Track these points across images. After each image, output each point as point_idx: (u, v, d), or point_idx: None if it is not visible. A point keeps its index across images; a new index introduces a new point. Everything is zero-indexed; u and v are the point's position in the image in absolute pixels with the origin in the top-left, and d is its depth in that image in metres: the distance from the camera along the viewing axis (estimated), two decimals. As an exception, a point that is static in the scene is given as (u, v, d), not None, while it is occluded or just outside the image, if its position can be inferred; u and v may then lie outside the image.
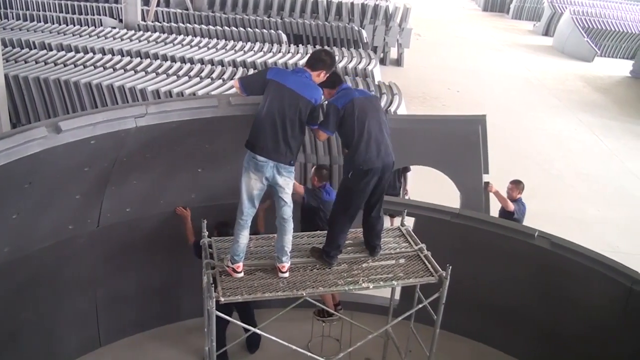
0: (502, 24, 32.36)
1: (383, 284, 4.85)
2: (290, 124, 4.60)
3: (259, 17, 17.75)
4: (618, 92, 20.07)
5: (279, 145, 4.60)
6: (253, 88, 4.82)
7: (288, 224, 4.84)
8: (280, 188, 4.72)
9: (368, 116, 4.87)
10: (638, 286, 5.63)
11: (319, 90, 4.77)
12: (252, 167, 4.65)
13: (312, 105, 4.68)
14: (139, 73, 10.95)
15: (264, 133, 4.58)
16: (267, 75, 4.71)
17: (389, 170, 4.98)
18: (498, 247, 6.28)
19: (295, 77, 4.71)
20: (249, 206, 4.75)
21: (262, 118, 4.60)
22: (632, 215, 11.07)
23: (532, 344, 6.51)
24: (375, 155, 4.83)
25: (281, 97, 4.59)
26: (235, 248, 4.84)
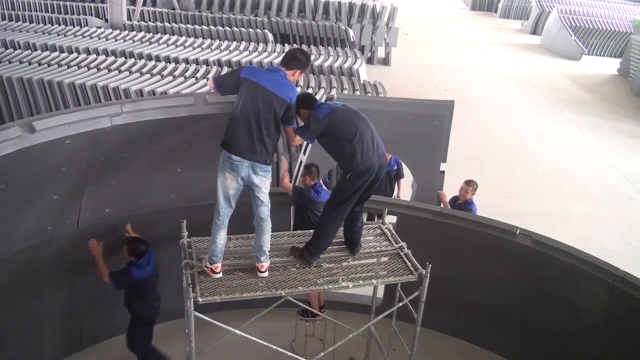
0: (490, 23, 32.42)
1: (363, 283, 4.83)
2: (264, 123, 4.56)
3: (246, 16, 17.69)
4: (605, 90, 20.15)
5: (254, 144, 4.56)
6: (227, 87, 4.78)
7: (266, 224, 4.81)
8: (257, 187, 4.68)
9: (356, 119, 4.90)
10: (620, 283, 5.63)
11: (293, 88, 4.73)
12: (228, 166, 4.60)
13: (286, 104, 4.62)
14: (123, 73, 10.92)
15: (238, 132, 4.53)
16: (241, 74, 4.66)
17: (383, 169, 5.01)
18: (480, 245, 6.27)
19: (269, 76, 4.67)
20: (226, 206, 4.71)
21: (236, 117, 4.55)
22: (617, 212, 11.12)
23: (516, 341, 6.51)
24: (372, 153, 4.87)
25: (255, 96, 4.55)
26: (213, 249, 4.80)
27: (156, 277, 5.79)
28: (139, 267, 5.56)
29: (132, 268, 5.55)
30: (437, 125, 6.37)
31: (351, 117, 4.90)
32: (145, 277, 5.60)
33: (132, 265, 5.56)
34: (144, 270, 5.57)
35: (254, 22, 16.81)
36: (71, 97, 10.44)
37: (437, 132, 6.56)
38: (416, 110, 6.69)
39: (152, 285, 5.77)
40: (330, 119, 4.83)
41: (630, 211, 11.22)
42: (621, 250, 9.79)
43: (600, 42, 26.08)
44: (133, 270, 5.54)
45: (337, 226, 5.11)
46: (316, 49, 13.75)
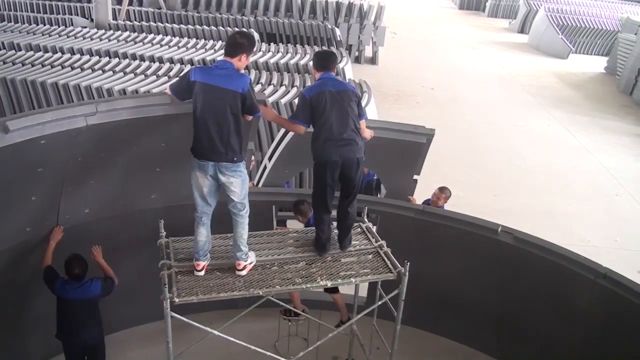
0: (478, 22, 32.50)
1: (341, 282, 4.81)
2: (224, 121, 4.51)
3: (232, 15, 17.64)
4: (591, 88, 20.24)
5: (215, 145, 4.52)
6: (182, 93, 4.72)
7: (239, 217, 4.79)
8: (226, 186, 4.68)
9: (334, 110, 4.86)
10: (602, 279, 5.64)
11: (243, 77, 4.62)
12: (197, 166, 4.65)
13: (240, 96, 4.52)
14: (106, 72, 10.84)
15: (199, 136, 4.55)
16: (190, 77, 4.59)
17: (351, 165, 4.92)
18: (462, 243, 6.26)
19: (217, 72, 4.59)
20: (202, 203, 4.74)
21: (195, 121, 4.55)
22: (603, 209, 11.16)
23: (499, 338, 6.52)
24: (331, 148, 4.84)
25: (208, 97, 4.50)
26: (194, 245, 4.82)
27: (83, 309, 5.42)
28: (64, 284, 5.33)
29: (60, 280, 5.35)
30: (414, 152, 6.49)
31: (330, 104, 4.86)
32: (62, 297, 5.36)
33: (62, 279, 5.37)
34: (66, 291, 5.33)
35: (241, 21, 16.77)
36: (54, 97, 10.36)
37: (414, 156, 6.56)
38: (394, 136, 6.48)
39: (72, 312, 5.45)
40: (315, 99, 4.87)
41: (615, 208, 11.27)
42: (606, 246, 9.83)
43: (588, 40, 26.19)
44: (59, 281, 5.35)
45: (321, 215, 5.14)
46: (302, 48, 13.71)
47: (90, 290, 5.34)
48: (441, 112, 15.54)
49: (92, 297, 5.37)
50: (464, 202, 10.41)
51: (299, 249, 5.23)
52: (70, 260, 5.31)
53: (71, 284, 5.31)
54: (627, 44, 20.31)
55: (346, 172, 4.95)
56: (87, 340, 5.58)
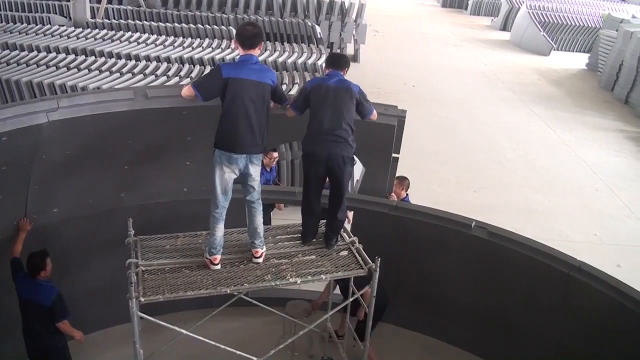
0: (460, 20, 32.52)
1: (311, 278, 4.73)
2: (259, 113, 4.61)
3: (212, 13, 17.48)
4: (572, 84, 20.29)
5: (255, 138, 4.62)
6: (211, 92, 4.69)
7: (257, 205, 4.86)
8: (251, 177, 4.72)
9: (328, 105, 4.89)
10: (576, 273, 5.62)
11: (271, 70, 4.81)
12: (225, 160, 4.61)
13: (271, 88, 4.71)
14: (82, 71, 10.70)
15: (238, 130, 4.56)
16: (223, 75, 4.58)
17: (335, 161, 4.90)
18: (436, 238, 6.23)
19: (250, 67, 4.64)
20: (224, 199, 4.73)
21: (230, 116, 4.55)
22: (583, 204, 11.18)
23: (476, 333, 6.49)
24: (318, 142, 4.88)
25: (245, 91, 4.55)
26: (212, 241, 4.79)
27: (31, 311, 5.29)
28: (23, 278, 5.24)
29: (21, 273, 5.25)
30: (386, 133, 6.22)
31: (325, 98, 4.90)
32: (18, 292, 5.26)
33: (22, 273, 5.25)
34: (21, 286, 5.23)
35: (220, 19, 16.63)
36: (29, 96, 10.20)
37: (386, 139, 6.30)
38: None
39: (22, 311, 5.34)
40: (313, 90, 4.95)
41: (595, 202, 11.29)
42: (586, 241, 9.85)
43: (570, 37, 26.27)
44: (19, 274, 5.25)
45: (308, 208, 5.17)
46: (281, 45, 13.62)
47: (41, 296, 5.18)
48: (422, 109, 15.49)
49: (41, 304, 5.19)
50: (443, 198, 10.43)
51: (271, 246, 5.15)
52: (31, 253, 5.20)
53: (27, 281, 5.19)
54: (608, 41, 20.40)
55: (331, 169, 4.95)
56: (36, 346, 5.44)
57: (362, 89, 5.12)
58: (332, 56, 5.33)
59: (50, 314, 5.22)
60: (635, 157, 13.86)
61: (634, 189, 12.03)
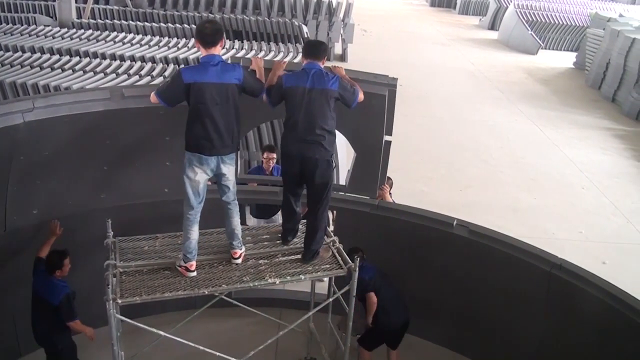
0: (448, 19, 32.60)
1: (290, 279, 4.72)
2: (227, 115, 4.52)
3: (199, 13, 17.45)
4: (559, 83, 20.36)
5: (224, 140, 4.54)
6: (174, 98, 4.59)
7: (234, 207, 4.81)
8: (225, 177, 4.67)
9: (303, 109, 4.79)
10: (557, 270, 5.63)
11: (237, 67, 4.63)
12: (196, 161, 4.55)
13: (239, 86, 4.57)
14: (66, 71, 10.64)
15: (204, 133, 4.47)
16: (185, 80, 4.46)
17: (308, 164, 4.84)
18: (418, 237, 6.21)
19: (209, 69, 4.49)
20: (197, 201, 4.66)
21: (196, 120, 4.47)
22: (568, 202, 11.19)
23: (457, 331, 6.50)
24: (292, 142, 4.85)
25: (209, 95, 4.44)
26: (187, 245, 4.71)
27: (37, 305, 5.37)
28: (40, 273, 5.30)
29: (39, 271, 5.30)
30: (375, 104, 5.85)
31: (298, 102, 4.80)
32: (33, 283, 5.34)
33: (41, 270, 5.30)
34: (35, 278, 5.32)
35: (206, 19, 16.58)
36: (12, 96, 10.11)
37: (377, 111, 5.94)
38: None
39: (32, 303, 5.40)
40: (289, 91, 4.82)
41: (581, 200, 11.31)
42: (571, 238, 9.87)
43: (557, 36, 26.38)
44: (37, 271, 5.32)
45: (286, 207, 5.14)
46: (267, 45, 13.60)
47: (52, 294, 5.20)
48: (408, 109, 15.48)
49: (50, 302, 5.21)
50: (429, 197, 10.44)
51: (250, 246, 5.12)
52: (52, 250, 5.30)
53: (43, 277, 5.25)
54: (595, 39, 20.49)
55: (305, 171, 4.89)
56: (40, 341, 5.47)
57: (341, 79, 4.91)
58: (309, 45, 5.10)
59: (57, 314, 5.25)
60: (622, 155, 13.91)
61: (619, 187, 12.08)
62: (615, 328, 5.25)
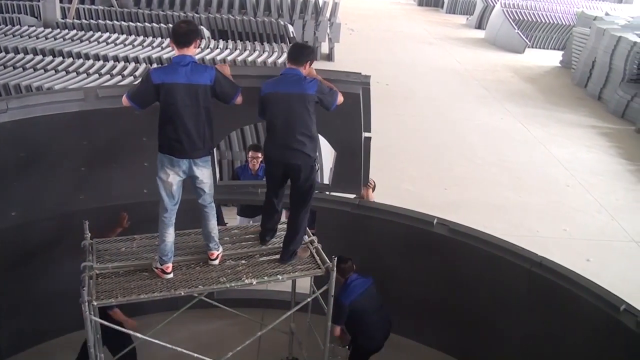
0: (436, 18, 32.63)
1: (267, 279, 4.70)
2: (198, 118, 4.45)
3: (185, 13, 17.38)
4: (546, 81, 20.43)
5: (194, 143, 4.48)
6: (145, 100, 4.53)
7: (210, 210, 4.77)
8: (199, 180, 4.62)
9: (280, 115, 4.78)
10: (538, 268, 5.66)
11: (208, 68, 4.56)
12: (167, 162, 4.50)
13: (210, 88, 4.48)
14: (49, 72, 10.55)
15: (174, 135, 4.42)
16: (154, 81, 4.40)
17: (291, 170, 4.85)
18: (399, 236, 6.23)
19: (179, 70, 4.42)
20: (171, 202, 4.61)
21: (166, 121, 4.43)
22: (554, 200, 11.24)
23: (442, 330, 6.51)
24: (274, 147, 4.84)
25: (179, 96, 4.38)
26: (162, 248, 4.66)
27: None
28: None
29: None
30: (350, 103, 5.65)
31: (275, 109, 4.79)
32: None
33: None
34: None
35: (192, 18, 16.52)
36: (-7, 98, 10.05)
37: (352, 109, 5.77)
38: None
39: None
40: (266, 98, 4.81)
41: (566, 198, 11.36)
42: (555, 236, 9.91)
43: (544, 35, 26.46)
44: None
45: (267, 207, 5.14)
46: (251, 44, 13.56)
47: None
48: (396, 108, 15.54)
49: None
50: (414, 196, 10.46)
51: (229, 247, 5.10)
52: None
53: None
54: (581, 38, 20.57)
55: (289, 175, 4.91)
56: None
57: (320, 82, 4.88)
58: (292, 49, 5.03)
59: None
60: (607, 153, 13.98)
61: (604, 184, 12.13)
62: (594, 324, 5.28)
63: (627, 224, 10.48)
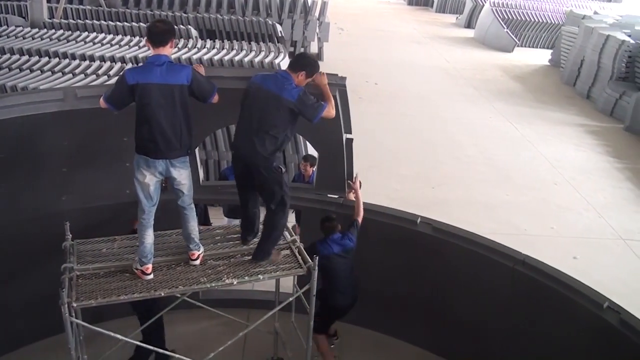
0: (425, 18, 32.69)
1: (248, 279, 4.69)
2: (175, 118, 4.42)
3: (172, 12, 17.33)
4: (535, 80, 20.48)
5: (171, 143, 4.45)
6: (121, 101, 4.50)
7: (189, 211, 4.75)
8: (176, 181, 4.59)
9: (252, 109, 4.77)
10: (521, 266, 5.67)
11: (184, 68, 4.53)
12: (143, 163, 4.47)
13: (187, 87, 4.45)
14: (34, 72, 10.50)
15: (150, 136, 4.39)
16: (129, 82, 4.37)
17: (251, 166, 4.83)
18: (383, 235, 6.21)
19: (154, 70, 4.39)
20: (149, 204, 4.57)
21: (143, 122, 4.39)
22: (541, 198, 11.26)
23: (425, 329, 6.51)
24: (237, 143, 4.90)
25: (155, 96, 4.35)
26: (142, 250, 4.63)
27: None
28: None
29: None
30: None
31: (250, 101, 4.80)
32: None
33: None
34: None
35: (179, 18, 16.48)
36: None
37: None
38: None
39: None
40: (248, 88, 4.85)
41: (553, 196, 11.37)
42: (542, 234, 9.92)
43: (533, 34, 26.56)
44: None
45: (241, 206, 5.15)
46: (238, 44, 13.53)
47: None
48: (383, 107, 15.56)
49: None
50: (402, 195, 10.46)
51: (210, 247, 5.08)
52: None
53: None
54: (570, 37, 20.64)
55: (250, 171, 4.89)
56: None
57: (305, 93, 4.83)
58: (294, 56, 5.13)
59: None
60: (595, 151, 14.02)
61: (592, 182, 12.17)
62: (578, 321, 5.29)
63: (614, 221, 10.51)
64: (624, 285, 8.53)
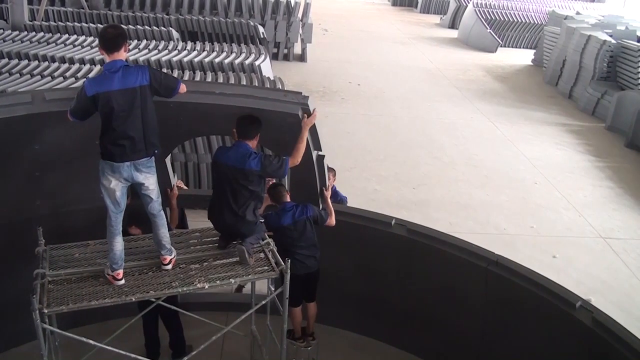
0: (409, 18, 32.80)
1: (220, 283, 4.68)
2: (138, 120, 4.41)
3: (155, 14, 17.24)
4: (517, 80, 20.61)
5: (135, 144, 4.44)
6: (85, 113, 4.51)
7: (159, 218, 4.72)
8: (143, 186, 4.56)
9: (222, 184, 5.05)
10: (494, 267, 5.72)
11: (140, 69, 4.49)
12: (108, 169, 4.45)
13: (148, 87, 4.44)
14: (13, 75, 10.41)
15: (117, 141, 4.39)
16: (88, 93, 4.37)
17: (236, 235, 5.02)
18: (357, 236, 6.24)
19: (111, 76, 4.37)
20: (116, 210, 4.55)
21: (108, 127, 4.40)
22: (521, 197, 11.34)
23: (401, 329, 6.54)
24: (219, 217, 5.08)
25: (117, 103, 4.34)
26: (112, 257, 4.61)
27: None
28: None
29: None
30: (292, 122, 5.48)
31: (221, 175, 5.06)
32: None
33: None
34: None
35: (161, 19, 16.42)
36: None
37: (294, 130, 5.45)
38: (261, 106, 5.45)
39: None
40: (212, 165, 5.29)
41: (533, 195, 11.46)
42: (522, 233, 9.99)
43: (516, 34, 26.73)
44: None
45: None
46: (219, 45, 13.51)
47: None
48: (366, 108, 15.60)
49: None
50: (382, 195, 10.51)
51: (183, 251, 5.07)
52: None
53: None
54: (552, 37, 20.81)
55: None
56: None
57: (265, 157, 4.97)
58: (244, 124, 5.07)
59: None
60: (575, 150, 14.14)
61: (572, 181, 12.27)
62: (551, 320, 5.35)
63: (594, 220, 10.61)
64: (603, 283, 8.62)
